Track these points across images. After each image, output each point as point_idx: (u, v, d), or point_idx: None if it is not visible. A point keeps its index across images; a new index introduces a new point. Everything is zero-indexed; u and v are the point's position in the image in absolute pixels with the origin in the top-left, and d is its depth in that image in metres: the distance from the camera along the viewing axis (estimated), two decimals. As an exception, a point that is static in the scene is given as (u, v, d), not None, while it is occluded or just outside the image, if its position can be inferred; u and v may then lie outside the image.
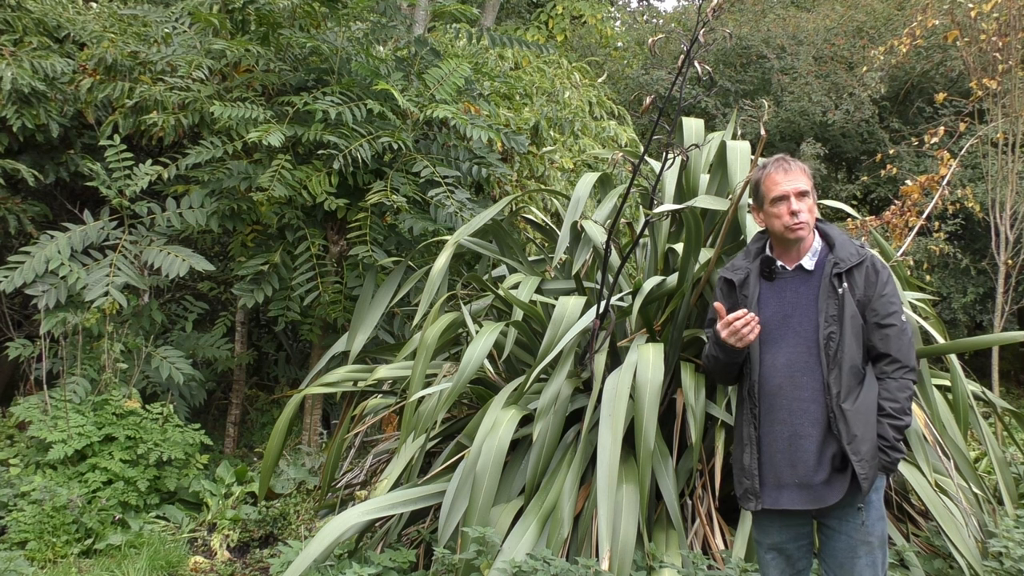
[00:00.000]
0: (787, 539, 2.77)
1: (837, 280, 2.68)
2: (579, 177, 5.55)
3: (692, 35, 3.56)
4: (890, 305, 2.69)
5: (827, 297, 2.67)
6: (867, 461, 2.60)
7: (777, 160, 2.78)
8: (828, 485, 2.64)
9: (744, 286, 2.79)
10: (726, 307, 2.81)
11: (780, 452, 2.68)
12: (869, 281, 2.69)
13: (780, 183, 2.71)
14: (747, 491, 2.73)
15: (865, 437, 2.61)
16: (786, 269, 2.77)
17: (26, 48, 5.57)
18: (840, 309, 2.66)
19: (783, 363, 2.69)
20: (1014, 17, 7.25)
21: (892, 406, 2.65)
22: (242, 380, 6.41)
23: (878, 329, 2.68)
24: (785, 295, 2.75)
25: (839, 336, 2.64)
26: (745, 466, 2.74)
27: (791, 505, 2.67)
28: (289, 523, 4.80)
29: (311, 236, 5.52)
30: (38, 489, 4.58)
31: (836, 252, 2.73)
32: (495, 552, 3.37)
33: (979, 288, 9.80)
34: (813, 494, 2.65)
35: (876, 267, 2.72)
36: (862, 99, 10.81)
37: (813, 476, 2.64)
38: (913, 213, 7.16)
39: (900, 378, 2.67)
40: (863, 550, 2.67)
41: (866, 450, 2.60)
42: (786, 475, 2.67)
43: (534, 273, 4.75)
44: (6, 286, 4.92)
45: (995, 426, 5.49)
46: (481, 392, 4.26)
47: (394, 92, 5.13)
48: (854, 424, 2.60)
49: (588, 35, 14.30)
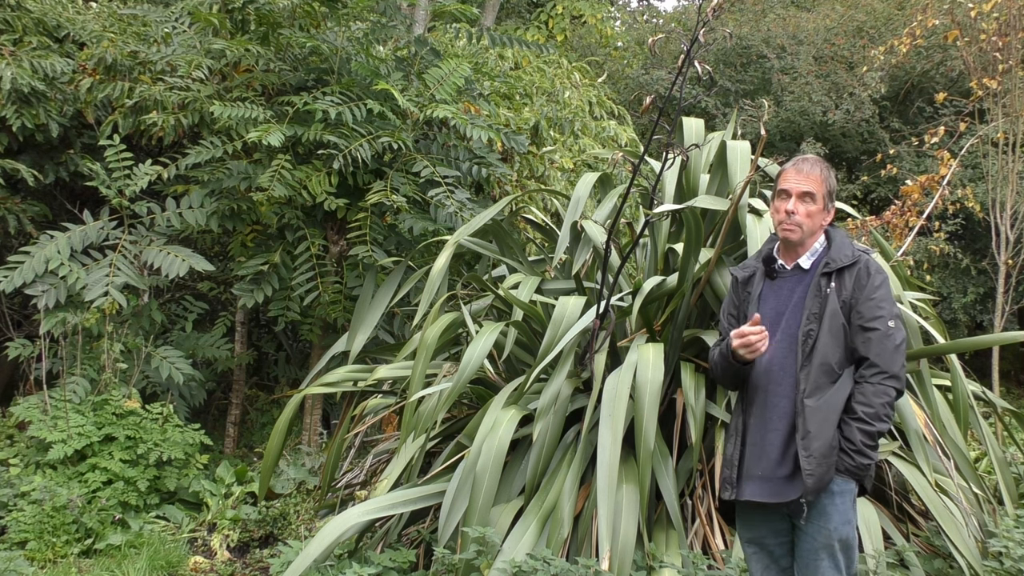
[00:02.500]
0: (765, 534, 2.79)
1: (825, 279, 2.70)
2: (579, 177, 5.55)
3: (692, 35, 3.56)
4: (877, 309, 2.67)
5: (813, 296, 2.70)
6: (815, 459, 2.59)
7: (799, 159, 2.82)
8: (789, 481, 2.65)
9: (749, 283, 2.85)
10: (734, 303, 2.87)
11: (754, 445, 2.73)
12: (859, 283, 2.69)
13: (789, 179, 2.77)
14: (724, 480, 2.78)
15: (819, 435, 2.60)
16: (785, 268, 2.81)
17: (26, 48, 5.56)
18: (821, 307, 2.68)
19: (767, 359, 2.72)
20: (1014, 17, 7.25)
21: (864, 410, 2.62)
22: (242, 380, 6.41)
23: (861, 332, 2.67)
24: (782, 293, 2.78)
25: (816, 333, 2.66)
26: (727, 456, 2.79)
27: (752, 497, 2.70)
28: (289, 523, 4.80)
29: (311, 236, 5.52)
30: (38, 489, 4.57)
31: (831, 252, 2.75)
32: (495, 552, 3.37)
33: (979, 288, 9.79)
34: (774, 488, 2.67)
35: (870, 270, 2.71)
36: (862, 99, 10.80)
37: (776, 470, 2.67)
38: (913, 213, 7.16)
39: (878, 383, 2.64)
40: (824, 552, 2.67)
41: (816, 447, 2.59)
42: (753, 467, 2.71)
43: (534, 273, 4.75)
44: (6, 286, 4.92)
45: (995, 426, 5.49)
46: (481, 392, 4.26)
47: (394, 92, 5.13)
48: (811, 420, 2.61)
49: (588, 35, 14.30)
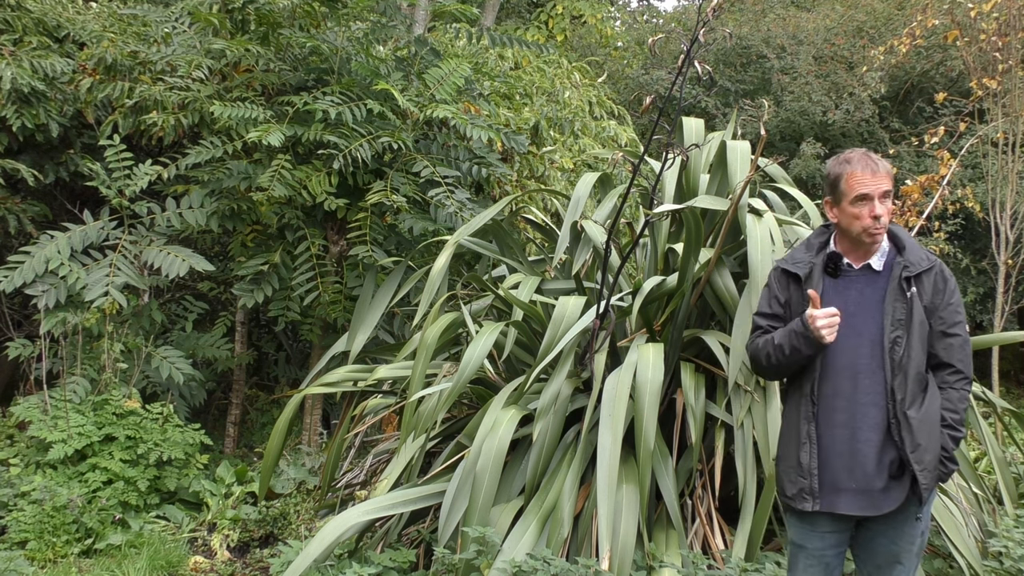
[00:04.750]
0: (828, 546, 2.71)
1: (906, 284, 2.62)
2: (579, 177, 5.55)
3: (692, 35, 3.56)
4: (956, 314, 2.65)
5: (895, 300, 2.61)
6: (929, 471, 2.57)
7: (863, 156, 2.65)
8: (886, 492, 2.59)
9: (807, 281, 2.70)
10: (778, 300, 2.73)
11: (838, 455, 2.62)
12: (937, 288, 2.64)
13: (866, 183, 2.59)
14: (803, 491, 2.65)
15: (929, 447, 2.57)
16: (852, 267, 2.70)
17: (26, 48, 5.56)
18: (908, 313, 2.60)
19: (845, 364, 2.63)
20: (1014, 17, 7.25)
21: (953, 417, 2.62)
22: (242, 380, 6.41)
23: (944, 338, 2.64)
24: (849, 294, 2.67)
25: (905, 341, 2.59)
26: (803, 465, 2.65)
27: (847, 510, 2.62)
28: (289, 523, 4.80)
29: (311, 236, 5.52)
30: (38, 489, 4.58)
31: (906, 255, 2.66)
32: (495, 552, 3.37)
33: (979, 288, 9.80)
34: (871, 500, 2.60)
35: (945, 275, 2.67)
36: (862, 99, 10.80)
37: (872, 482, 2.59)
38: (913, 213, 7.16)
39: (961, 389, 2.64)
40: (905, 557, 2.64)
41: (929, 460, 2.57)
42: (843, 479, 2.61)
43: (534, 273, 4.75)
44: (6, 286, 4.92)
45: (995, 426, 5.49)
46: (481, 392, 4.26)
47: (394, 92, 5.13)
48: (919, 433, 2.56)
49: (588, 35, 14.30)
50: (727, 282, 3.96)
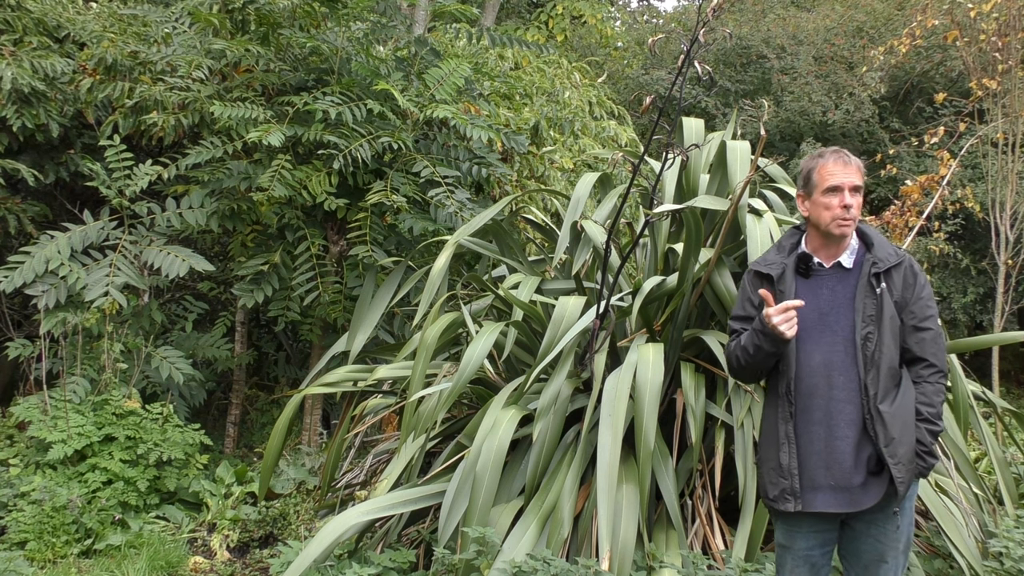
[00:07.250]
0: (814, 545, 2.71)
1: (875, 280, 2.64)
2: (579, 177, 5.54)
3: (692, 35, 3.56)
4: (927, 308, 2.67)
5: (865, 296, 2.63)
6: (904, 465, 2.57)
7: (835, 151, 2.71)
8: (864, 488, 2.60)
9: (780, 281, 2.73)
10: (755, 303, 2.74)
11: (815, 453, 2.63)
12: (907, 283, 2.66)
13: (836, 174, 2.65)
14: (785, 491, 2.65)
15: (903, 440, 2.57)
16: (823, 266, 2.72)
17: (26, 48, 5.56)
18: (878, 309, 2.62)
19: (819, 362, 2.64)
20: (1014, 17, 7.25)
21: (929, 411, 2.62)
22: (242, 380, 6.41)
23: (915, 332, 2.65)
24: (822, 293, 2.69)
25: (876, 336, 2.60)
26: (783, 466, 2.66)
27: (826, 508, 2.62)
28: (289, 523, 4.80)
29: (311, 236, 5.52)
30: (38, 489, 4.57)
31: (875, 251, 2.68)
32: (495, 552, 3.37)
33: (979, 288, 9.80)
34: (849, 497, 2.60)
35: (914, 270, 2.69)
36: (862, 99, 10.81)
37: (850, 479, 2.59)
38: (913, 213, 7.16)
39: (935, 382, 2.65)
40: (891, 555, 2.64)
41: (903, 453, 2.57)
42: (821, 477, 2.62)
43: (534, 273, 4.75)
44: (6, 286, 4.92)
45: (995, 426, 5.49)
46: (481, 392, 4.26)
47: (394, 92, 5.13)
48: (892, 427, 2.56)
49: (588, 35, 14.30)
50: (727, 282, 3.96)
